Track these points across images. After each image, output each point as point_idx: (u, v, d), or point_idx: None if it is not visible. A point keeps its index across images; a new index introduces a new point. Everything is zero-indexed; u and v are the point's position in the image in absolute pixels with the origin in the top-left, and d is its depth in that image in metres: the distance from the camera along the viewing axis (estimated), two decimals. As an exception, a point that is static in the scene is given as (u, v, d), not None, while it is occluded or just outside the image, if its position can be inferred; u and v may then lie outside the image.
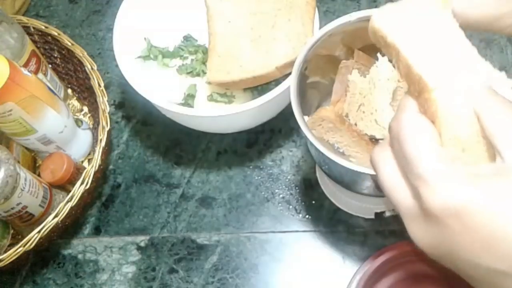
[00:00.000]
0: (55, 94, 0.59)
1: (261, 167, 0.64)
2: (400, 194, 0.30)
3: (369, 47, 0.49)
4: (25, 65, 0.61)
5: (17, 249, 0.52)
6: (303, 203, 0.61)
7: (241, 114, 0.54)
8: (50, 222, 0.53)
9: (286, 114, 0.59)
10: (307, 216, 0.60)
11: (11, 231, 0.59)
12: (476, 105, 0.29)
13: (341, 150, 0.52)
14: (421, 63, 0.30)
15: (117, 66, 0.58)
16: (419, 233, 0.29)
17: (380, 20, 0.32)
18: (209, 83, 0.60)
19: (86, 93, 0.68)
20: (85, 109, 0.70)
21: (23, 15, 0.77)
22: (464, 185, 0.27)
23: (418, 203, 0.29)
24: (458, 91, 0.30)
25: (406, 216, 0.30)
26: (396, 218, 0.56)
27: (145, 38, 0.64)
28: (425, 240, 0.29)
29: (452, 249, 0.28)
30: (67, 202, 0.54)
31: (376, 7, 0.73)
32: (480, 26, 0.37)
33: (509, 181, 0.26)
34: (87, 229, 0.62)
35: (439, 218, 0.27)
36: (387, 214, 0.57)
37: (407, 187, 0.30)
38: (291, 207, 0.61)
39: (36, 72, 0.63)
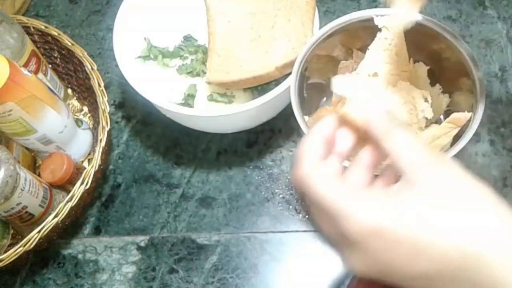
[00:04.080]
0: (55, 94, 0.59)
1: (261, 167, 0.64)
2: (327, 231, 0.33)
3: (368, 47, 0.49)
4: (25, 65, 0.61)
5: (17, 249, 0.52)
6: (303, 203, 0.61)
7: (241, 114, 0.54)
8: (50, 222, 0.53)
9: (286, 114, 0.59)
10: (307, 216, 0.60)
11: (11, 231, 0.59)
12: (375, 131, 0.33)
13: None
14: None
15: (117, 66, 0.58)
16: (352, 261, 0.32)
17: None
18: (209, 83, 0.60)
19: (86, 93, 0.68)
20: (85, 109, 0.70)
21: (23, 15, 0.77)
22: (374, 207, 0.30)
23: (341, 235, 0.31)
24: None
25: (338, 249, 0.33)
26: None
27: (145, 38, 0.64)
28: (359, 266, 0.32)
29: (384, 266, 0.30)
30: (67, 202, 0.54)
31: (376, 7, 0.73)
32: None
33: (413, 193, 0.30)
34: (87, 229, 0.62)
35: (360, 242, 0.30)
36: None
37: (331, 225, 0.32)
38: (291, 207, 0.61)
39: (36, 72, 0.63)
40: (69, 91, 0.71)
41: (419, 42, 0.48)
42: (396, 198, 0.30)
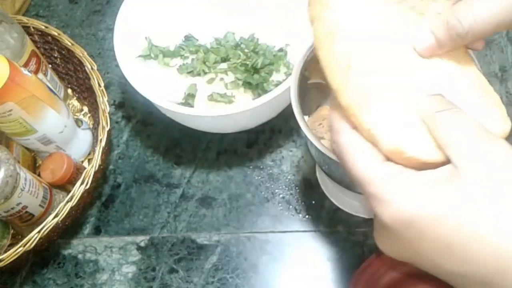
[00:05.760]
0: (55, 94, 0.59)
1: (261, 167, 0.64)
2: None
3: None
4: (25, 65, 0.61)
5: (17, 249, 0.52)
6: (303, 203, 0.61)
7: (241, 114, 0.54)
8: (50, 222, 0.53)
9: (286, 114, 0.59)
10: (307, 216, 0.60)
11: (11, 231, 0.59)
12: (423, 117, 0.30)
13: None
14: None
15: (117, 66, 0.58)
16: (383, 242, 0.31)
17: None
18: None
19: (86, 93, 0.68)
20: (85, 109, 0.70)
21: (23, 15, 0.77)
22: (414, 195, 0.28)
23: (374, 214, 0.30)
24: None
25: (374, 227, 0.32)
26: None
27: (146, 37, 0.64)
28: (389, 249, 0.31)
29: (414, 254, 0.29)
30: (67, 202, 0.54)
31: None
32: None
33: (460, 191, 0.27)
34: (87, 229, 0.62)
35: (394, 229, 0.29)
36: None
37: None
38: (291, 207, 0.61)
39: (36, 72, 0.63)
40: (69, 91, 0.71)
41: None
42: (438, 188, 0.28)
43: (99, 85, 0.61)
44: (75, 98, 0.71)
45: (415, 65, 0.33)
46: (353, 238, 0.58)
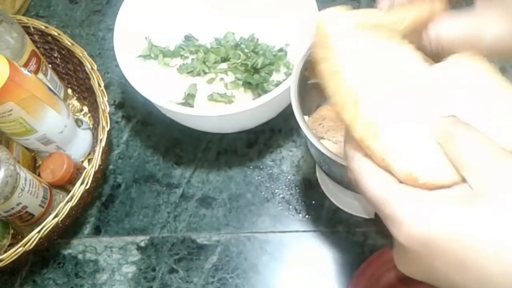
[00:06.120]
0: (55, 94, 0.59)
1: (261, 167, 0.64)
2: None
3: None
4: (25, 65, 0.61)
5: (17, 249, 0.52)
6: (303, 203, 0.61)
7: (241, 114, 0.54)
8: (50, 222, 0.53)
9: (286, 114, 0.59)
10: (307, 216, 0.60)
11: (11, 231, 0.59)
12: (437, 139, 0.31)
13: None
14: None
15: (117, 66, 0.58)
16: (401, 263, 0.32)
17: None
18: None
19: (86, 93, 0.68)
20: (85, 109, 0.70)
21: (23, 15, 0.77)
22: (427, 215, 0.28)
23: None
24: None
25: (394, 248, 0.32)
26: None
27: (146, 38, 0.64)
28: (407, 269, 0.31)
29: (430, 273, 0.30)
30: (67, 202, 0.54)
31: (375, 7, 0.73)
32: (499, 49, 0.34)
33: (475, 209, 0.27)
34: (87, 229, 0.62)
35: (409, 249, 0.29)
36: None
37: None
38: (291, 207, 0.61)
39: (36, 72, 0.63)
40: (69, 91, 0.71)
41: (416, 43, 0.48)
42: (451, 207, 0.28)
43: (99, 85, 0.61)
44: (75, 98, 0.71)
45: (422, 88, 0.33)
46: (353, 238, 0.58)
